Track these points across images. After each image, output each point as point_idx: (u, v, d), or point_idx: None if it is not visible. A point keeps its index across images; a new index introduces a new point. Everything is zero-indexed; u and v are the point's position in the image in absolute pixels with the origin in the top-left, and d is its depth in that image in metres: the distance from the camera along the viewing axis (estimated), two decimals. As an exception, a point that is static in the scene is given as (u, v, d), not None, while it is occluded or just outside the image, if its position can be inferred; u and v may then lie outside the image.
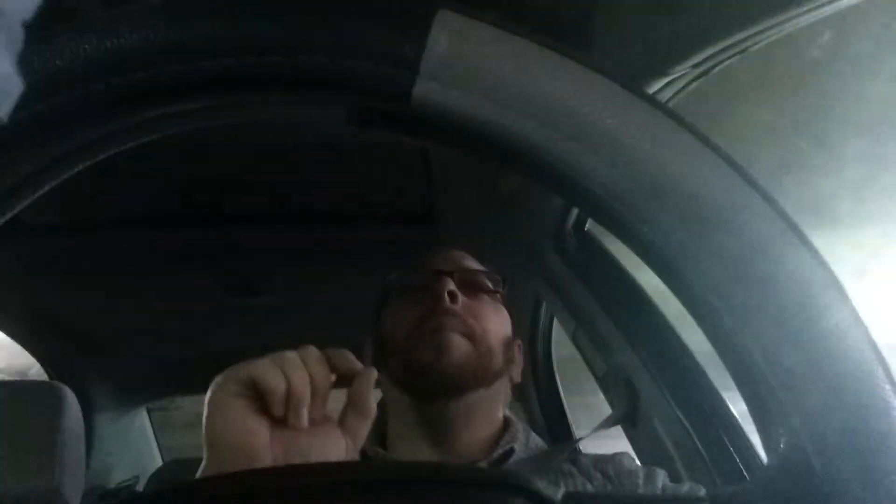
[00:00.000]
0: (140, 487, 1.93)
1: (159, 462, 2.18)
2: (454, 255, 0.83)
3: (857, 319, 0.24)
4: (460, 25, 0.26)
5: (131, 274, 1.46)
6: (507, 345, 0.80)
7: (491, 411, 0.79)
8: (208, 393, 0.49)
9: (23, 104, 0.24)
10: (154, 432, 2.22)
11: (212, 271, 1.46)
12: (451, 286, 0.76)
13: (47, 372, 1.72)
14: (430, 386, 0.73)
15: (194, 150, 1.09)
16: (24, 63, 0.24)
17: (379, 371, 0.80)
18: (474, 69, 0.26)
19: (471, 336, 0.74)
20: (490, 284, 0.81)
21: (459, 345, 0.73)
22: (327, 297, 1.58)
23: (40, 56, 0.25)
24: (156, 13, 0.26)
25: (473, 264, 0.83)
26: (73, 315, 1.60)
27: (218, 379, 0.49)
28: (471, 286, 0.79)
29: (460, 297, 0.76)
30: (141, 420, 2.11)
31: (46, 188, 0.29)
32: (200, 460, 0.48)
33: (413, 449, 0.75)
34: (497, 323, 0.79)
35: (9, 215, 0.29)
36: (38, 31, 0.25)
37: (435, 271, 0.79)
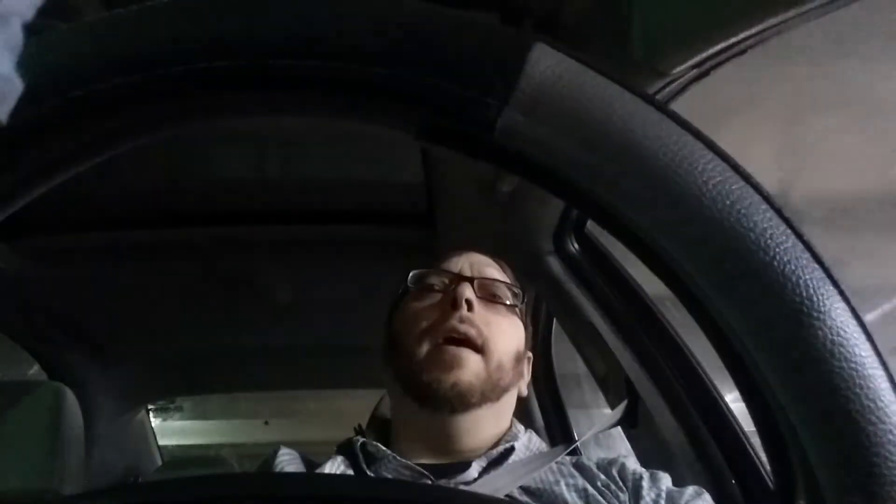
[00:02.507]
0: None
1: (159, 462, 2.18)
2: (478, 261, 0.82)
3: (863, 329, 0.24)
4: (555, 61, 0.26)
5: (131, 273, 1.46)
6: (519, 359, 0.79)
7: (497, 422, 0.78)
8: None
9: (23, 105, 0.24)
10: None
11: (212, 271, 1.46)
12: (470, 293, 0.75)
13: (47, 372, 1.72)
14: (436, 401, 0.73)
15: (194, 150, 1.09)
16: (24, 64, 0.24)
17: (387, 366, 0.81)
18: (564, 107, 0.25)
19: (482, 350, 0.74)
20: (510, 296, 0.81)
21: (470, 362, 0.72)
22: (328, 297, 1.58)
23: (41, 57, 0.25)
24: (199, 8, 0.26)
25: (495, 273, 0.82)
26: (73, 315, 1.60)
27: None
28: (490, 296, 0.79)
29: (477, 306, 0.75)
30: (141, 420, 2.11)
31: (46, 188, 0.29)
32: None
33: (414, 448, 0.75)
34: (510, 337, 0.78)
35: (7, 213, 0.28)
36: (38, 31, 0.25)
37: (456, 275, 0.78)
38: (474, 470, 0.72)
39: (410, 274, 0.82)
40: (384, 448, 0.75)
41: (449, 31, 0.26)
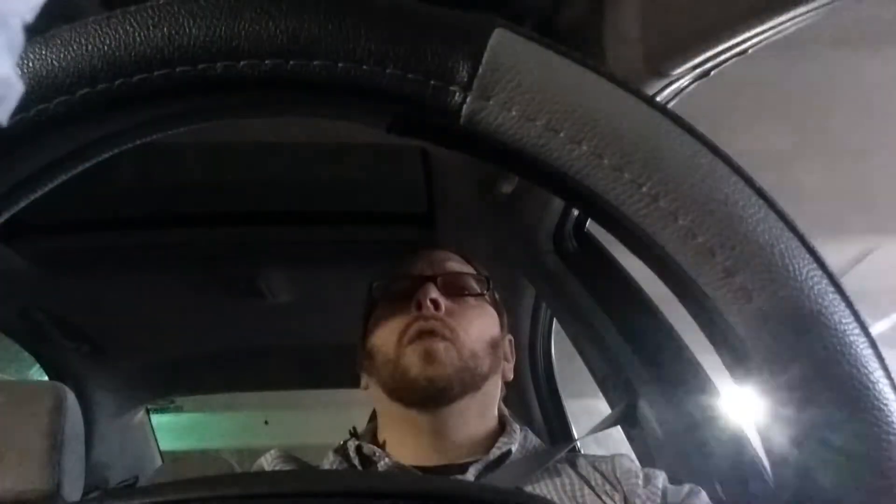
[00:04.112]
0: (140, 487, 1.92)
1: (159, 462, 2.18)
2: (438, 257, 0.82)
3: (842, 296, 0.24)
4: (516, 46, 0.26)
5: (131, 274, 1.46)
6: (495, 345, 0.79)
7: (483, 412, 0.78)
8: None
9: (23, 106, 0.24)
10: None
11: (212, 271, 1.46)
12: (434, 293, 0.76)
13: (47, 372, 1.72)
14: (417, 397, 0.74)
15: (195, 150, 1.09)
16: (25, 64, 0.24)
17: (368, 378, 0.81)
18: (527, 91, 0.25)
19: (455, 342, 0.74)
20: (476, 286, 0.81)
21: (443, 353, 0.73)
22: (327, 297, 1.58)
23: (41, 57, 0.25)
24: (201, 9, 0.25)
25: (457, 265, 0.82)
26: (73, 315, 1.60)
27: None
28: (455, 289, 0.79)
29: (443, 303, 0.76)
30: (141, 420, 2.11)
31: (47, 188, 0.29)
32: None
33: (407, 450, 0.75)
34: (482, 325, 0.78)
35: (7, 215, 0.28)
36: (38, 32, 0.25)
37: (418, 277, 0.79)
38: (471, 474, 0.72)
39: (374, 285, 0.82)
40: (379, 449, 0.75)
41: (409, 22, 0.26)
